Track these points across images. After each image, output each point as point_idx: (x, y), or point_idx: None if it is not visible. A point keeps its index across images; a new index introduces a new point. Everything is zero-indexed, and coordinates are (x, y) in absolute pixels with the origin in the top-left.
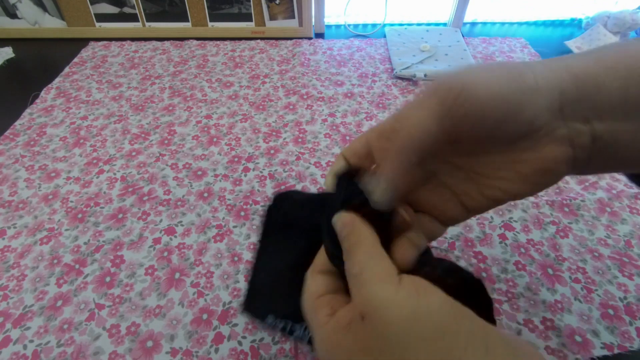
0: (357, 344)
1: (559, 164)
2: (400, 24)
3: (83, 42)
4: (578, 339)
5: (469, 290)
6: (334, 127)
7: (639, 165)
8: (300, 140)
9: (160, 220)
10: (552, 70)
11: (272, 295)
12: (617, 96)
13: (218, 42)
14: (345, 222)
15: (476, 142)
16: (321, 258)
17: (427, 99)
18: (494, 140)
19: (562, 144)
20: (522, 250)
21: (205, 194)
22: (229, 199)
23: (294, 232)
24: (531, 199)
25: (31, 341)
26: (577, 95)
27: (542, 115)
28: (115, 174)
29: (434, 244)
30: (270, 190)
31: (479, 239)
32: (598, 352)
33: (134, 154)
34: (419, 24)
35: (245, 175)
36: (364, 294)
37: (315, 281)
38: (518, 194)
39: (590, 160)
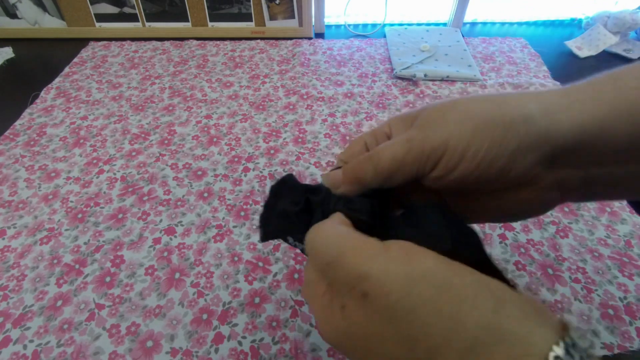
0: (358, 326)
1: (543, 206)
2: (400, 24)
3: (83, 42)
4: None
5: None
6: (334, 127)
7: (637, 195)
8: (300, 140)
9: (160, 220)
10: (551, 119)
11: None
12: (624, 142)
13: (218, 42)
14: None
15: (455, 190)
16: None
17: (405, 152)
18: (474, 190)
19: (549, 190)
20: (522, 250)
21: (205, 194)
22: (229, 199)
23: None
24: None
25: (31, 341)
26: (574, 146)
27: (530, 171)
28: (115, 174)
29: None
30: None
31: None
32: (598, 352)
33: (134, 154)
34: (419, 24)
35: (245, 175)
36: (355, 273)
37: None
38: (504, 221)
39: (583, 195)
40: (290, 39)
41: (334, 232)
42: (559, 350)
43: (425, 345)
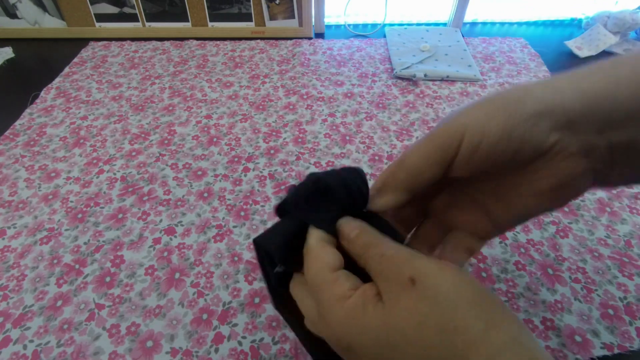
0: (400, 312)
1: (576, 179)
2: (400, 24)
3: (83, 42)
4: (578, 339)
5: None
6: (334, 127)
7: None
8: (300, 140)
9: (160, 220)
10: (554, 89)
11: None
12: (631, 105)
13: (218, 42)
14: (353, 226)
15: (487, 174)
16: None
17: (427, 144)
18: (505, 169)
19: (577, 159)
20: (522, 250)
21: (205, 194)
22: (229, 199)
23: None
24: None
25: (31, 341)
26: (583, 109)
27: (549, 137)
28: (115, 174)
29: None
30: (270, 190)
31: None
32: (598, 352)
33: (134, 154)
34: (419, 24)
35: (245, 175)
36: (412, 264)
37: (329, 253)
38: (540, 209)
39: (613, 169)
40: (290, 39)
41: (375, 233)
42: None
43: (463, 338)
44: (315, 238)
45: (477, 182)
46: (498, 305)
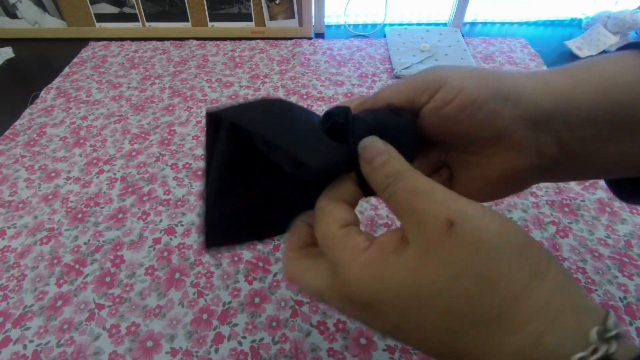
0: (433, 260)
1: (524, 173)
2: (400, 24)
3: (83, 42)
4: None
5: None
6: None
7: (610, 172)
8: None
9: (160, 220)
10: (532, 81)
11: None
12: (588, 108)
13: (218, 42)
14: (380, 149)
15: (445, 139)
16: (343, 186)
17: (405, 84)
18: (462, 141)
19: (529, 153)
20: None
21: None
22: None
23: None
24: (531, 198)
25: (31, 341)
26: (552, 109)
27: (514, 125)
28: (115, 174)
29: None
30: None
31: None
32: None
33: (134, 154)
34: (419, 24)
35: None
36: (451, 205)
37: (340, 209)
38: (483, 196)
39: (559, 167)
40: (290, 39)
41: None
42: (611, 320)
43: (505, 292)
44: (327, 197)
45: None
46: (544, 254)
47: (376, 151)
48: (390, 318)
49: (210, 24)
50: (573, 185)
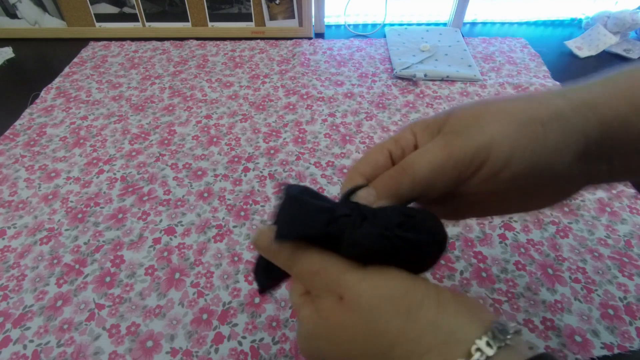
0: (333, 327)
1: (570, 195)
2: (400, 24)
3: (83, 42)
4: (578, 339)
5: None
6: (334, 127)
7: None
8: (300, 140)
9: (160, 220)
10: (577, 111)
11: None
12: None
13: (218, 42)
14: (269, 236)
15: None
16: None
17: (445, 155)
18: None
19: (576, 184)
20: (522, 250)
21: (205, 194)
22: (229, 199)
23: None
24: None
25: (31, 341)
26: (601, 137)
27: (567, 168)
28: (115, 174)
29: None
30: (270, 190)
31: (479, 239)
32: (598, 352)
33: (134, 154)
34: (419, 24)
35: (245, 175)
36: (339, 281)
37: (296, 285)
38: (529, 210)
39: (606, 182)
40: (290, 39)
41: (322, 254)
42: (479, 343)
43: (387, 338)
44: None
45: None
46: (417, 294)
47: (267, 239)
48: None
49: (210, 24)
50: None
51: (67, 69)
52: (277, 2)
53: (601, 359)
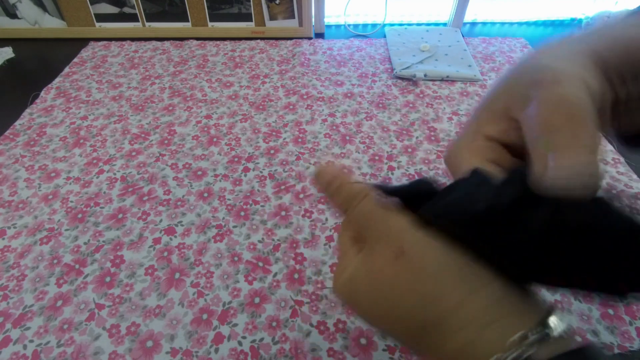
0: (387, 278)
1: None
2: (400, 24)
3: (83, 42)
4: (578, 339)
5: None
6: (334, 127)
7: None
8: (300, 140)
9: (160, 220)
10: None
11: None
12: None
13: (218, 42)
14: (333, 174)
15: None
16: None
17: (592, 80)
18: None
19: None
20: None
21: (205, 194)
22: (229, 199)
23: None
24: None
25: (31, 341)
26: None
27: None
28: (115, 174)
29: None
30: (270, 190)
31: None
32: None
33: (134, 154)
34: (419, 24)
35: (245, 175)
36: (402, 235)
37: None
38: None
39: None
40: (290, 39)
41: (387, 204)
42: (552, 319)
43: (440, 307)
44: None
45: None
46: (482, 275)
47: (330, 176)
48: (366, 317)
49: (210, 24)
50: None
51: (67, 69)
52: (277, 2)
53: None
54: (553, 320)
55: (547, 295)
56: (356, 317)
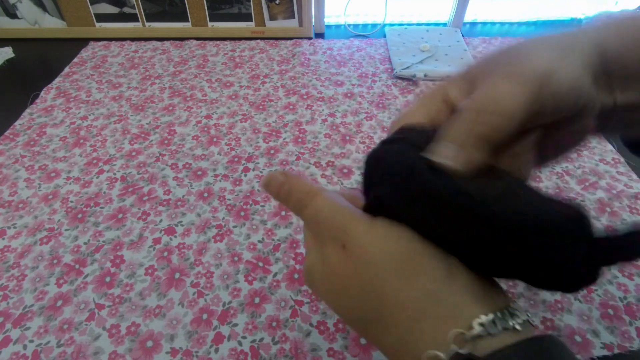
0: (331, 274)
1: (587, 135)
2: (400, 24)
3: (83, 42)
4: (578, 339)
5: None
6: (334, 127)
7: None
8: (300, 140)
9: (160, 220)
10: (585, 40)
11: None
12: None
13: (218, 42)
14: (281, 181)
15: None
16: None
17: (519, 84)
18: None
19: (593, 116)
20: None
21: (205, 194)
22: (229, 199)
23: None
24: None
25: (31, 341)
26: (603, 69)
27: (590, 94)
28: (115, 174)
29: None
30: None
31: None
32: (598, 352)
33: (134, 154)
34: (419, 24)
35: (245, 175)
36: (344, 228)
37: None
38: (543, 161)
39: (613, 124)
40: (290, 39)
41: (334, 200)
42: (484, 319)
43: (381, 297)
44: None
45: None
46: (420, 262)
47: (278, 183)
48: (324, 302)
49: (210, 24)
50: (573, 185)
51: (67, 69)
52: (277, 2)
53: (601, 359)
54: (504, 312)
55: (547, 295)
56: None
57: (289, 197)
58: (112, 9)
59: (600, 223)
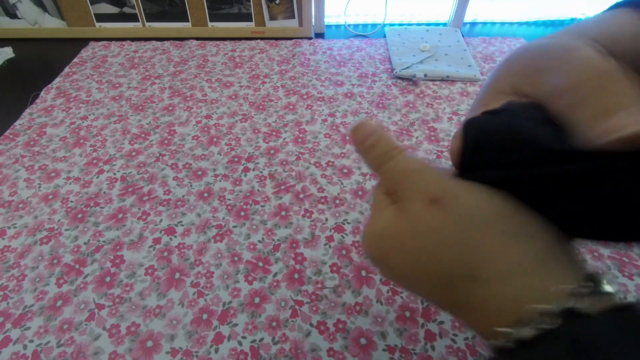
0: (423, 227)
1: None
2: (400, 24)
3: (83, 42)
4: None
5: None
6: (334, 127)
7: None
8: (300, 140)
9: (160, 220)
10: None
11: None
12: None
13: (218, 42)
14: (370, 130)
15: None
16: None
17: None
18: None
19: None
20: None
21: (205, 194)
22: (229, 199)
23: None
24: None
25: (31, 341)
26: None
27: None
28: (115, 174)
29: None
30: (270, 190)
31: None
32: None
33: (134, 154)
34: (419, 24)
35: (245, 175)
36: (437, 185)
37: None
38: None
39: None
40: (290, 39)
41: (422, 159)
42: (585, 281)
43: (478, 254)
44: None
45: None
46: (525, 223)
47: (367, 132)
48: (393, 272)
49: (210, 24)
50: None
51: (67, 69)
52: (277, 2)
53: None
54: (602, 279)
55: None
56: (382, 274)
57: (374, 147)
58: (112, 9)
59: None
